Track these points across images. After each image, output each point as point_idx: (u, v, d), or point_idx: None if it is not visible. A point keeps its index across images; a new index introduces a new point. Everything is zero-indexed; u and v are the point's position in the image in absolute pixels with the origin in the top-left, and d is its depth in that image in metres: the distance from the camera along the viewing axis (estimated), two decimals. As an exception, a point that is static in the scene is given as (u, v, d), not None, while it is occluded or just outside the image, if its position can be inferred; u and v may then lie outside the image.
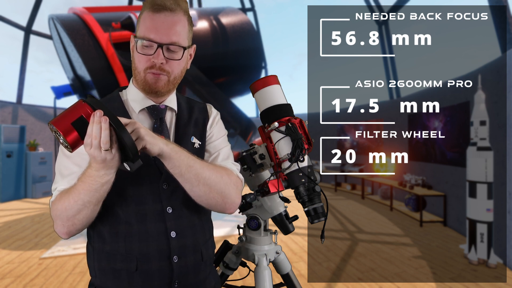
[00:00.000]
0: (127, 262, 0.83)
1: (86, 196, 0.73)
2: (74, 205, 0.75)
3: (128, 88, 0.94)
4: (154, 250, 0.83)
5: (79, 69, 4.51)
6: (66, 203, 0.76)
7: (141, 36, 0.82)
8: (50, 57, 27.18)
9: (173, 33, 0.82)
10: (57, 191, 0.82)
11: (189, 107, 0.97)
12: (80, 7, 4.58)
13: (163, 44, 0.82)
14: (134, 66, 0.87)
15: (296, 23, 31.34)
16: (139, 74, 0.86)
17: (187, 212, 0.88)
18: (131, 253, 0.83)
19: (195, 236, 0.89)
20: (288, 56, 31.74)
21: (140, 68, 0.85)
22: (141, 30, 0.83)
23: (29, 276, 2.95)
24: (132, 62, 0.89)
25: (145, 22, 0.83)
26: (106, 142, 0.65)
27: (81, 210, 0.75)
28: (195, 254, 0.88)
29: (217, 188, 0.84)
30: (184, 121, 0.93)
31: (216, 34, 5.12)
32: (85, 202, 0.74)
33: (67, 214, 0.76)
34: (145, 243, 0.83)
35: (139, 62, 0.85)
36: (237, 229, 1.18)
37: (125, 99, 0.91)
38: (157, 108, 0.90)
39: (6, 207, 6.15)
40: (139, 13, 0.87)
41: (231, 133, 4.78)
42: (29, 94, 12.47)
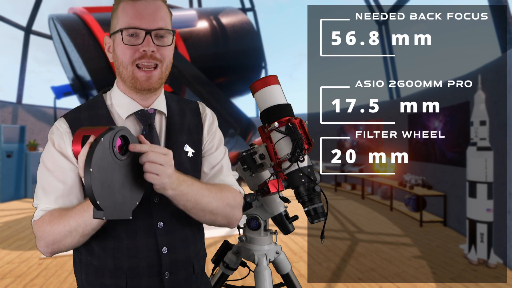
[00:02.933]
0: (116, 278, 0.79)
1: (74, 223, 0.72)
2: (62, 230, 0.73)
3: (113, 91, 0.86)
4: (144, 266, 0.79)
5: (79, 69, 4.51)
6: (54, 226, 0.74)
7: (125, 25, 0.76)
8: (50, 57, 27.19)
9: (159, 18, 0.78)
10: (40, 210, 0.78)
11: (180, 109, 0.90)
12: (80, 7, 4.58)
13: (152, 30, 0.76)
14: (119, 62, 0.79)
15: (296, 23, 31.33)
16: (125, 69, 0.79)
17: (179, 225, 0.84)
18: (120, 269, 0.79)
19: (186, 249, 0.85)
20: (288, 56, 31.74)
21: (126, 61, 0.78)
22: (122, 21, 0.77)
23: (29, 276, 2.95)
24: (115, 60, 0.81)
25: (126, 12, 0.77)
26: (79, 167, 0.67)
27: (67, 236, 0.74)
28: (187, 268, 0.85)
29: (223, 215, 0.85)
30: (175, 127, 0.87)
31: (216, 34, 5.12)
32: (72, 230, 0.73)
33: (54, 238, 0.74)
34: (135, 259, 0.79)
35: (124, 55, 0.77)
36: (237, 229, 1.18)
37: (110, 104, 0.85)
38: (145, 113, 0.83)
39: (6, 207, 6.15)
40: (113, 7, 0.81)
41: (231, 133, 4.78)
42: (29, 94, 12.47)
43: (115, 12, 0.80)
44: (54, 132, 0.81)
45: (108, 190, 0.61)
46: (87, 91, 4.69)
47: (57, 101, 4.98)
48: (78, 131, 0.70)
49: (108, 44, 0.83)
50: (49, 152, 0.79)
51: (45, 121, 8.34)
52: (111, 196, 0.61)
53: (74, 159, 0.78)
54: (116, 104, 0.84)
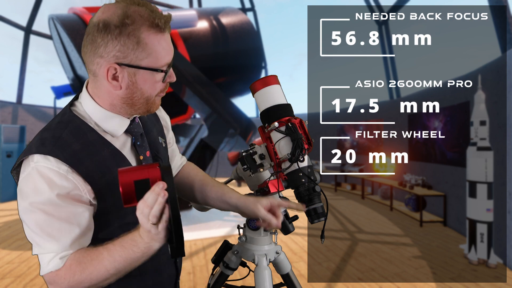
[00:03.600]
0: (143, 282, 0.84)
1: (121, 264, 0.66)
2: (103, 274, 0.67)
3: (89, 108, 0.77)
4: (164, 261, 0.88)
5: (79, 69, 4.51)
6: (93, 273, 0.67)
7: (164, 64, 0.73)
8: (50, 57, 27.22)
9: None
10: (56, 258, 0.68)
11: None
12: (80, 7, 4.58)
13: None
14: (142, 95, 0.74)
15: (296, 23, 31.33)
16: (148, 100, 0.76)
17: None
18: (145, 273, 0.84)
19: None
20: (288, 56, 31.74)
21: (154, 94, 0.76)
22: (161, 58, 0.72)
23: (29, 276, 2.95)
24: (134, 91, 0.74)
25: (161, 48, 0.71)
26: (154, 216, 0.61)
27: (109, 278, 0.68)
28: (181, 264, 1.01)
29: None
30: (147, 124, 0.90)
31: (216, 34, 5.12)
32: (118, 272, 0.67)
33: (91, 283, 0.68)
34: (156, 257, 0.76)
35: (154, 89, 0.75)
36: (237, 229, 1.18)
37: (94, 124, 0.77)
38: (136, 126, 0.84)
39: (6, 207, 6.15)
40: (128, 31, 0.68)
41: (231, 133, 4.78)
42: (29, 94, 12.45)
43: (140, 41, 0.69)
44: (52, 177, 0.67)
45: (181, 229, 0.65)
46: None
47: (57, 101, 4.99)
48: (122, 173, 0.63)
49: (113, 73, 0.71)
50: (48, 198, 0.67)
51: (45, 121, 8.33)
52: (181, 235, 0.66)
53: (89, 200, 0.72)
54: (102, 122, 0.77)
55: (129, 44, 0.68)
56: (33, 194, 0.67)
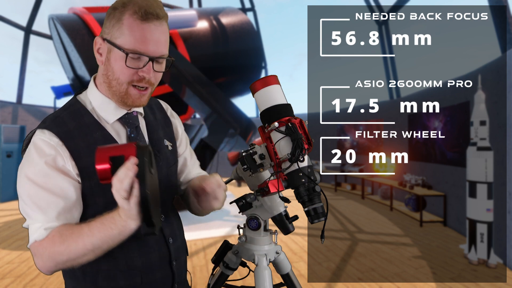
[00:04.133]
0: (131, 278, 0.81)
1: (99, 240, 0.69)
2: (81, 249, 0.69)
3: (92, 95, 0.84)
4: (156, 260, 0.84)
5: (79, 69, 4.51)
6: (71, 245, 0.69)
7: (131, 48, 0.75)
8: (50, 57, 27.21)
9: (163, 43, 0.78)
10: (41, 228, 0.72)
11: (149, 107, 0.94)
12: (80, 7, 4.58)
13: (154, 58, 0.77)
14: (114, 77, 0.78)
15: (296, 23, 31.33)
16: (119, 85, 0.78)
17: (173, 216, 0.94)
18: (133, 268, 0.81)
19: (182, 236, 0.96)
20: (288, 56, 31.73)
21: (123, 80, 0.78)
22: (128, 40, 0.75)
23: (29, 276, 2.95)
24: (107, 70, 0.79)
25: (134, 33, 0.75)
26: (124, 190, 0.63)
27: (86, 254, 0.70)
28: (185, 252, 0.96)
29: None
30: (153, 124, 0.92)
31: (216, 34, 5.12)
32: (95, 248, 0.69)
33: (68, 257, 0.70)
34: (146, 255, 0.82)
35: (123, 74, 0.77)
36: (237, 229, 1.18)
37: (92, 109, 0.82)
38: (131, 117, 0.86)
39: (6, 207, 6.15)
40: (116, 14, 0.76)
41: (231, 133, 4.77)
42: (29, 94, 12.46)
43: (120, 21, 0.75)
44: (43, 147, 0.74)
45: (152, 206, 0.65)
46: (87, 91, 4.69)
47: (57, 101, 4.99)
48: (99, 150, 0.66)
49: (99, 46, 0.79)
50: (40, 169, 0.73)
51: (45, 121, 8.35)
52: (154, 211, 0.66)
53: (74, 174, 0.76)
54: (99, 108, 0.82)
55: (113, 22, 0.76)
56: (27, 165, 0.74)
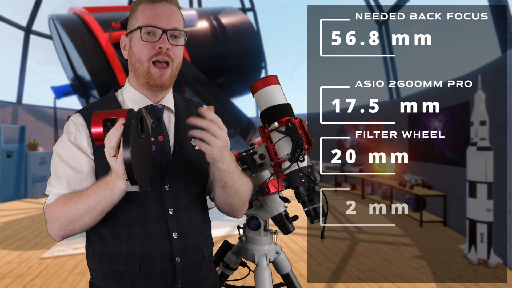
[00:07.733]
0: (130, 264, 0.82)
1: (94, 200, 0.73)
2: (80, 209, 0.75)
3: (124, 88, 0.92)
4: (157, 252, 0.83)
5: (79, 69, 4.51)
6: (71, 207, 0.75)
7: (144, 24, 0.83)
8: (50, 57, 27.22)
9: (174, 19, 0.85)
10: (53, 194, 0.81)
11: (186, 107, 0.96)
12: (80, 7, 4.58)
13: (168, 30, 0.83)
14: (136, 59, 0.85)
15: (296, 23, 31.34)
16: (141, 65, 0.84)
17: (188, 212, 0.89)
18: (133, 255, 0.82)
19: (196, 235, 0.89)
20: (288, 56, 31.74)
21: (143, 58, 0.84)
22: (141, 20, 0.84)
23: (29, 276, 2.95)
24: (130, 56, 0.87)
25: (145, 12, 0.84)
26: (111, 147, 0.67)
27: (84, 215, 0.75)
28: (196, 254, 0.89)
29: (243, 200, 0.92)
30: (183, 122, 0.92)
31: (216, 34, 5.12)
32: (91, 208, 0.74)
33: (70, 218, 0.76)
34: (147, 245, 0.83)
35: (141, 51, 0.83)
36: (237, 229, 1.18)
37: (121, 99, 0.91)
38: (154, 108, 0.89)
39: (6, 207, 6.15)
40: (132, 9, 0.87)
41: (231, 133, 4.78)
42: (29, 94, 12.47)
43: (134, 13, 0.86)
44: (70, 126, 0.84)
45: (138, 166, 0.68)
46: (87, 91, 4.68)
47: (57, 101, 4.98)
48: (95, 114, 0.71)
49: (124, 43, 0.89)
50: (64, 144, 0.83)
51: (45, 121, 8.34)
52: (140, 171, 0.68)
53: (88, 152, 0.83)
54: (127, 99, 0.90)
55: (131, 17, 0.88)
56: (58, 141, 0.85)
